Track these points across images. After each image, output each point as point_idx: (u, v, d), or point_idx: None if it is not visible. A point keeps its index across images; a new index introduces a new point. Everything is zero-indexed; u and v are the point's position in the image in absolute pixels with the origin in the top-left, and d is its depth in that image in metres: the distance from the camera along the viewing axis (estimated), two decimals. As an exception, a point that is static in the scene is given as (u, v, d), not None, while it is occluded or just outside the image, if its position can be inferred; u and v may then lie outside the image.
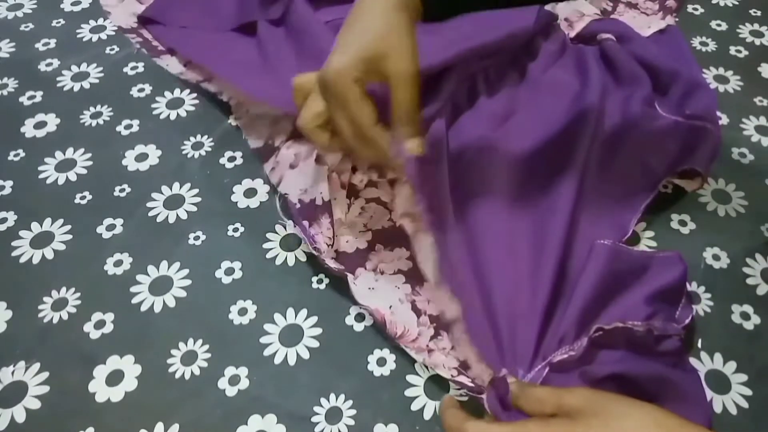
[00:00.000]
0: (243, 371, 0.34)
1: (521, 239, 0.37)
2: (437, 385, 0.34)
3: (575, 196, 0.38)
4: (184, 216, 0.41)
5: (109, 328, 0.35)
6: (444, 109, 0.43)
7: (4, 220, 0.40)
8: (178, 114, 0.47)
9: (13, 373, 0.34)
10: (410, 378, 0.34)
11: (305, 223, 0.38)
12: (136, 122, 0.46)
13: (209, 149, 0.45)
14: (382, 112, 0.32)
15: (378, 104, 0.32)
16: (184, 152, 0.45)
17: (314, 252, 0.37)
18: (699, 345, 0.35)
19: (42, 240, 0.39)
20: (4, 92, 0.48)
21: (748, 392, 0.33)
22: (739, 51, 0.52)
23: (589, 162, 0.40)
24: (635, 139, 0.42)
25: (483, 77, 0.46)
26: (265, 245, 0.39)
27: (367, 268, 0.37)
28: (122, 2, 0.55)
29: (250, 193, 0.42)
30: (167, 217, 0.41)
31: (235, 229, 0.40)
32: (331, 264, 0.37)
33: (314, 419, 0.32)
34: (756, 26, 0.55)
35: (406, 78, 0.32)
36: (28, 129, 0.46)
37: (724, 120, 0.47)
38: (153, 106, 0.48)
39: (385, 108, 0.32)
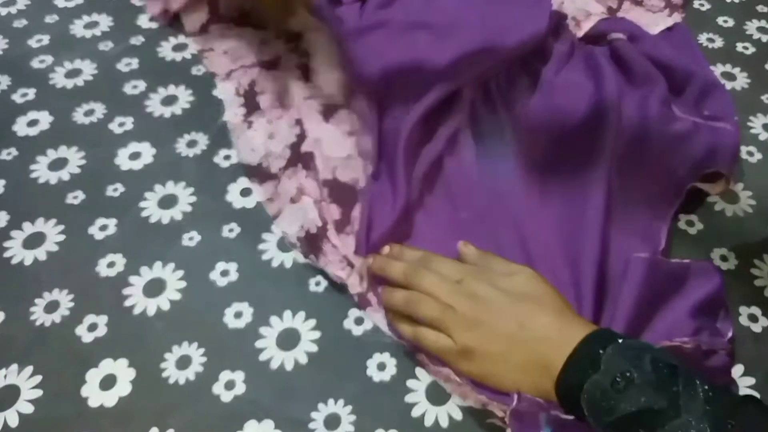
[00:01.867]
0: (239, 376, 0.33)
1: (553, 258, 0.36)
2: (438, 391, 0.33)
3: (604, 208, 0.37)
4: (178, 216, 0.40)
5: (102, 331, 0.35)
6: (466, 123, 0.42)
7: (-4, 220, 0.40)
8: (172, 111, 0.46)
9: (5, 376, 0.33)
10: (411, 383, 0.33)
11: (312, 257, 0.37)
12: (129, 120, 0.46)
13: (204, 148, 0.44)
14: None
15: None
16: (178, 151, 0.44)
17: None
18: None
19: (34, 241, 0.39)
20: (-3, 90, 0.48)
21: (756, 396, 0.32)
22: (746, 48, 0.51)
23: (612, 168, 0.39)
24: (655, 142, 0.40)
25: (495, 84, 0.44)
26: (261, 246, 0.39)
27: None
28: None
29: (246, 192, 0.41)
30: (161, 217, 0.40)
31: (231, 230, 0.39)
32: (355, 290, 0.36)
33: (312, 425, 0.31)
34: (763, 23, 0.54)
35: None
36: (20, 127, 0.45)
37: (731, 118, 0.46)
38: (147, 103, 0.47)
39: None
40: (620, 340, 0.28)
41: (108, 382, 0.33)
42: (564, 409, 0.29)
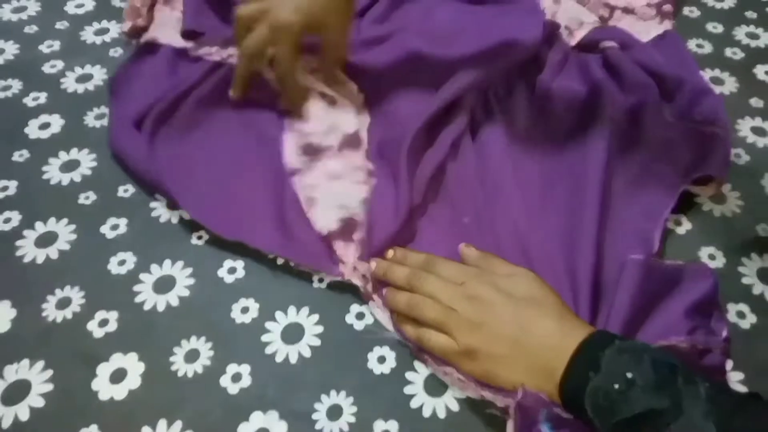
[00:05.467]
0: (245, 369, 0.34)
1: (552, 261, 0.37)
2: (436, 382, 0.34)
3: (599, 211, 0.38)
4: (187, 216, 0.41)
5: (112, 326, 0.36)
6: (466, 129, 0.43)
7: (9, 220, 0.41)
8: (180, 115, 0.48)
9: (17, 371, 0.34)
10: (410, 375, 0.34)
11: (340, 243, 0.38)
12: (139, 124, 0.47)
13: (211, 150, 0.45)
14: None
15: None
16: (186, 153, 0.45)
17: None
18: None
19: (46, 240, 0.40)
20: (9, 93, 0.49)
21: (745, 391, 0.34)
22: (734, 53, 0.53)
23: (607, 173, 0.40)
24: (648, 147, 0.41)
25: (493, 92, 0.46)
26: (267, 245, 0.40)
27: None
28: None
29: (252, 193, 0.43)
30: (170, 217, 0.41)
31: (237, 229, 0.41)
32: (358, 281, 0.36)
33: (315, 416, 0.33)
34: (752, 28, 0.55)
35: (336, 44, 0.43)
36: (32, 130, 0.46)
37: (719, 121, 0.47)
38: (156, 107, 0.48)
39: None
40: (617, 342, 0.29)
41: (118, 376, 0.34)
42: (569, 412, 0.29)
